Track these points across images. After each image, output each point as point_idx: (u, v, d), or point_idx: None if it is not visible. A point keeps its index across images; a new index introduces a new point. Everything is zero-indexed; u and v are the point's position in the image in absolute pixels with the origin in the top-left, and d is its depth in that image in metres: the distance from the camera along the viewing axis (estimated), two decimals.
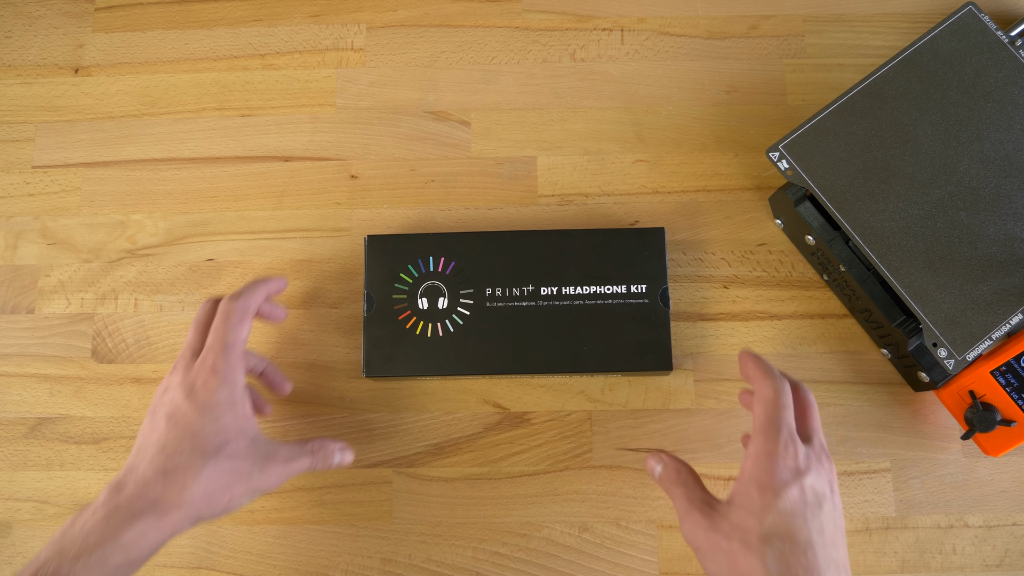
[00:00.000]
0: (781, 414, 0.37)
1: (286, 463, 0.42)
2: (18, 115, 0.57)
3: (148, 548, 0.38)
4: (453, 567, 0.49)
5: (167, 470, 0.39)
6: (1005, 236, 0.45)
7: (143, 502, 0.38)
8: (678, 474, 0.41)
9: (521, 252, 0.49)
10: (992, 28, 0.48)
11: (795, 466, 0.36)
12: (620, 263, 0.48)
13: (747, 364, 0.40)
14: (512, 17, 0.57)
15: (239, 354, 0.42)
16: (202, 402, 0.40)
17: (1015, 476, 0.49)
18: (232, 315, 0.43)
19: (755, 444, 0.37)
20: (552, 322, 0.48)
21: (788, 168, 0.47)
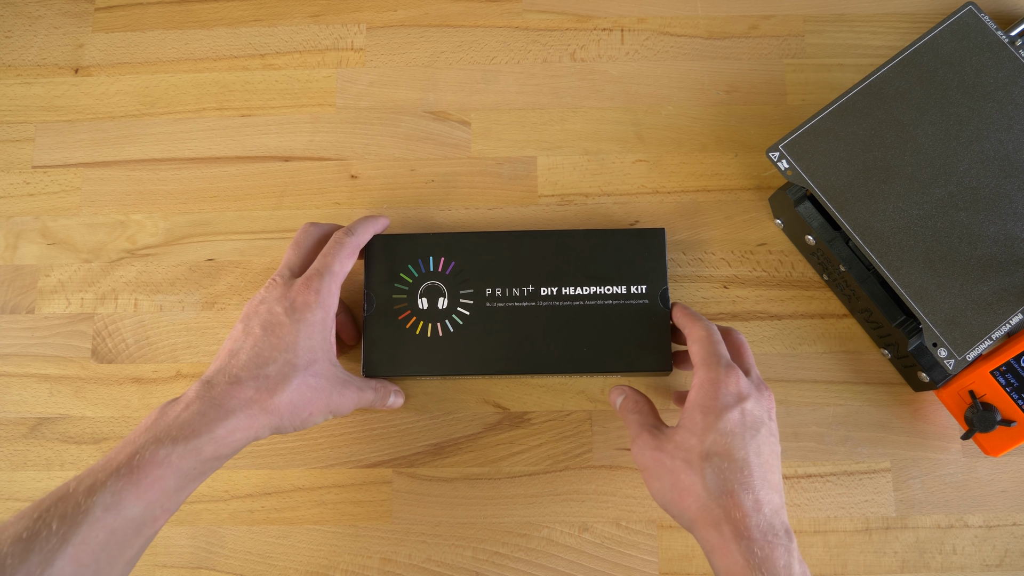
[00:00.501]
0: (717, 348, 0.42)
1: (358, 391, 0.45)
2: (18, 115, 0.57)
3: (236, 444, 0.40)
4: (453, 567, 0.49)
5: (260, 375, 0.41)
6: (1005, 236, 0.45)
7: (236, 401, 0.40)
8: (636, 403, 0.44)
9: (521, 252, 0.49)
10: (992, 28, 0.48)
11: (736, 391, 0.40)
12: (620, 263, 0.48)
13: (678, 314, 0.46)
14: (512, 17, 0.57)
15: (339, 284, 0.45)
16: (299, 318, 0.42)
17: (1015, 476, 0.49)
18: (345, 247, 0.45)
19: (698, 376, 0.41)
20: (552, 322, 0.48)
21: (788, 168, 0.47)
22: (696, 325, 0.43)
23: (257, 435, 0.41)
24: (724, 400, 0.39)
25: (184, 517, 0.50)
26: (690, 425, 0.39)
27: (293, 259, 0.46)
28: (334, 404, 0.44)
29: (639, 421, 0.43)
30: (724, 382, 0.40)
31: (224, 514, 0.50)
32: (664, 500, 0.40)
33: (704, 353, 0.41)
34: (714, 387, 0.40)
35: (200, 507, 0.50)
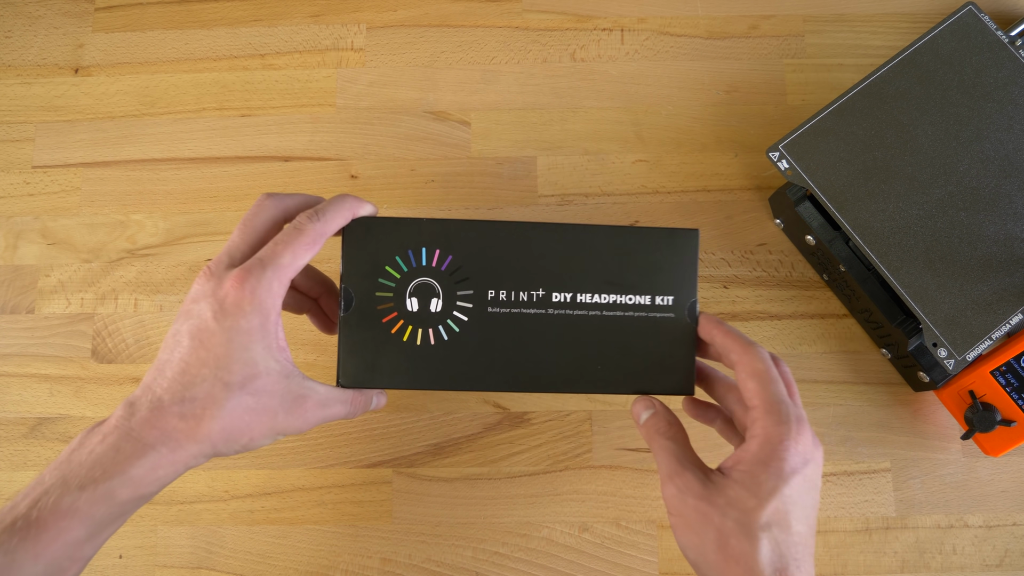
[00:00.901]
0: (780, 390, 0.36)
1: (320, 408, 0.37)
2: (18, 115, 0.57)
3: (159, 483, 0.35)
4: (453, 567, 0.49)
5: (185, 398, 0.34)
6: (1005, 236, 0.45)
7: (157, 432, 0.34)
8: (668, 427, 0.38)
9: (531, 248, 0.42)
10: (992, 28, 0.48)
11: (804, 453, 0.34)
12: (646, 268, 0.41)
13: (713, 331, 0.38)
14: (512, 17, 0.57)
15: (286, 281, 0.36)
16: (230, 325, 0.35)
17: (1015, 476, 0.49)
18: (304, 235, 0.36)
19: (762, 425, 0.35)
20: (563, 335, 0.41)
21: (788, 168, 0.47)
22: (750, 354, 0.37)
23: (188, 465, 0.35)
24: (792, 463, 0.34)
25: (184, 517, 0.50)
26: (750, 483, 0.34)
27: (237, 243, 0.37)
28: (283, 425, 0.36)
29: (674, 453, 0.37)
30: (795, 440, 0.34)
31: (224, 514, 0.50)
32: (699, 558, 0.35)
33: (768, 396, 0.35)
34: (783, 445, 0.34)
35: (200, 507, 0.50)
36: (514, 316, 0.41)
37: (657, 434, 0.38)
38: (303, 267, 0.37)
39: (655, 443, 0.38)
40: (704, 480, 0.35)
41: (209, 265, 0.37)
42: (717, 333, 0.38)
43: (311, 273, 0.44)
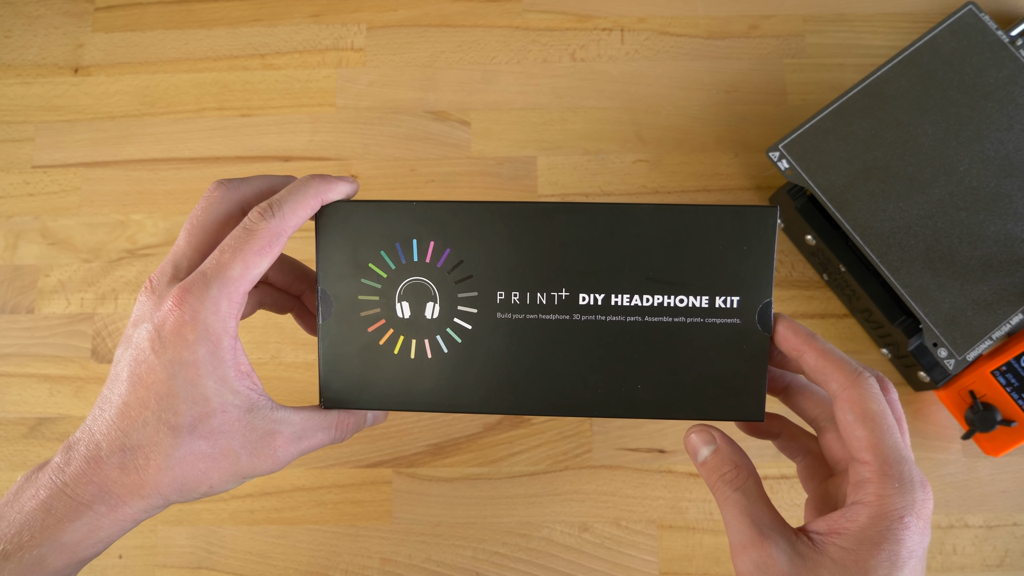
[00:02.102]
0: (899, 443, 0.28)
1: (294, 442, 0.31)
2: (18, 115, 0.57)
3: (101, 544, 0.29)
4: (453, 567, 0.49)
5: (125, 446, 0.29)
6: (1005, 236, 0.45)
7: (92, 488, 0.28)
8: (737, 473, 0.30)
9: (551, 237, 0.33)
10: (992, 28, 0.48)
11: (925, 529, 0.27)
12: (703, 260, 0.32)
13: (810, 352, 0.30)
14: (512, 17, 0.57)
15: (238, 297, 0.30)
16: (172, 358, 0.29)
17: (1015, 476, 0.49)
18: (256, 238, 0.29)
19: (879, 493, 0.27)
20: (594, 346, 0.33)
21: (788, 168, 0.47)
22: (859, 387, 0.29)
23: (135, 521, 0.30)
24: (911, 546, 0.27)
25: (184, 517, 0.50)
26: (854, 569, 0.27)
27: (183, 248, 0.31)
28: (248, 468, 0.30)
29: (747, 511, 0.29)
30: (919, 516, 0.27)
31: (224, 514, 0.50)
32: None
33: (884, 452, 0.28)
34: (903, 523, 0.27)
35: (200, 507, 0.50)
36: (530, 323, 0.33)
37: (722, 482, 0.30)
38: (263, 274, 0.30)
39: (720, 493, 0.30)
40: (791, 555, 0.27)
41: (151, 277, 0.30)
42: (810, 351, 0.30)
43: (289, 266, 0.38)
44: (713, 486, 0.31)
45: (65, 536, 0.28)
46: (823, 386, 0.30)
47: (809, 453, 0.34)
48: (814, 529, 0.28)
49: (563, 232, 0.33)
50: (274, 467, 0.31)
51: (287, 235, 0.31)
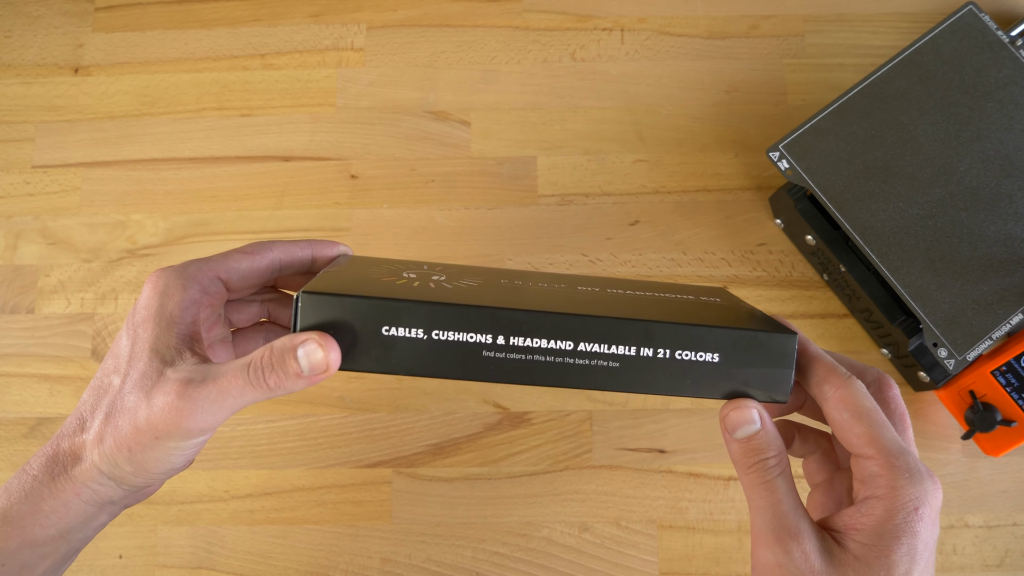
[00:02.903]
0: (896, 436, 0.28)
1: (196, 386, 0.29)
2: (18, 115, 0.57)
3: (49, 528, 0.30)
4: (453, 567, 0.49)
5: (81, 415, 0.31)
6: (1005, 236, 0.45)
7: (41, 459, 0.31)
8: (779, 456, 0.29)
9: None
10: (992, 28, 0.48)
11: (936, 518, 0.27)
12: None
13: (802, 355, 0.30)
14: (512, 17, 0.57)
15: (210, 272, 0.33)
16: (130, 325, 0.32)
17: (1015, 476, 0.49)
18: (244, 245, 0.32)
19: (891, 485, 0.27)
20: (600, 298, 0.33)
21: (788, 168, 0.47)
22: (848, 385, 0.29)
23: (84, 500, 0.30)
24: (925, 537, 0.27)
25: (184, 517, 0.50)
26: (875, 562, 0.27)
27: None
28: (151, 422, 0.29)
29: (784, 499, 0.28)
30: (931, 506, 0.27)
31: (224, 514, 0.50)
32: None
33: (887, 444, 0.28)
34: (918, 515, 0.27)
35: (200, 507, 0.50)
36: (534, 288, 0.34)
37: (763, 467, 0.28)
38: (244, 275, 0.34)
39: (756, 477, 0.28)
40: (823, 552, 0.27)
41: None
42: (803, 357, 0.30)
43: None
44: (748, 468, 0.29)
45: (12, 512, 0.29)
46: (815, 391, 0.30)
47: (818, 448, 0.34)
48: (830, 526, 0.28)
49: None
50: (173, 416, 0.28)
51: (272, 252, 0.34)
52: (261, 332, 0.39)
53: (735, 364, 0.30)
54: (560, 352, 0.30)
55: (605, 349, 0.30)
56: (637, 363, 0.30)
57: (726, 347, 0.29)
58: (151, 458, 0.29)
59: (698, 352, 0.30)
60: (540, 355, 0.30)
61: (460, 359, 0.30)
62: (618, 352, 0.30)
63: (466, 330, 0.29)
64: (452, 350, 0.30)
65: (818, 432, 0.34)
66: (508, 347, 0.30)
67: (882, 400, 0.30)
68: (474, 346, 0.30)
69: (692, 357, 0.30)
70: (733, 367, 0.30)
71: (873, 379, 0.31)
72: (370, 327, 0.29)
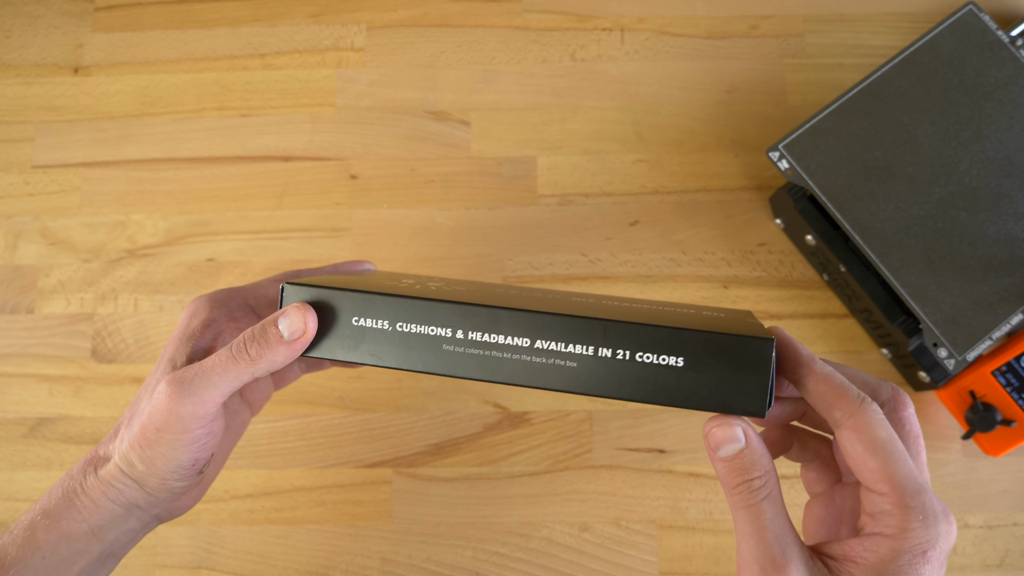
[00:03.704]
0: (913, 471, 0.26)
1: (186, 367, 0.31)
2: (18, 115, 0.57)
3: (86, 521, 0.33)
4: (453, 567, 0.49)
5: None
6: (1005, 236, 0.45)
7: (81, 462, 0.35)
8: (765, 477, 0.27)
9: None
10: (993, 28, 0.48)
11: (944, 563, 0.26)
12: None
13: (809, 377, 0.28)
14: (512, 17, 0.57)
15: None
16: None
17: (1016, 476, 0.49)
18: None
19: (901, 526, 0.26)
20: (580, 302, 0.33)
21: (788, 168, 0.47)
22: (863, 412, 0.27)
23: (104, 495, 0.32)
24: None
25: (184, 517, 0.50)
26: None
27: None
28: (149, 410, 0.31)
29: (770, 524, 0.26)
30: (940, 551, 0.26)
31: (224, 514, 0.50)
32: None
33: (901, 482, 0.26)
34: (925, 558, 0.26)
35: (200, 507, 0.50)
36: (521, 293, 0.35)
37: (748, 489, 0.27)
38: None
39: (740, 499, 0.27)
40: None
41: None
42: (809, 376, 0.28)
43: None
44: (733, 489, 0.27)
45: (51, 507, 0.32)
46: (824, 413, 0.28)
47: (818, 457, 0.32)
48: (828, 552, 0.27)
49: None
50: (166, 404, 0.30)
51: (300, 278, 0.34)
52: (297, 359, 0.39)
53: (702, 370, 0.28)
54: (517, 349, 0.30)
55: (562, 348, 0.29)
56: (596, 364, 0.29)
57: (691, 350, 0.28)
58: (157, 454, 0.31)
59: (660, 355, 0.28)
60: (498, 351, 0.30)
61: (422, 352, 0.30)
62: (575, 351, 0.29)
63: (427, 323, 0.30)
64: (414, 342, 0.30)
65: (819, 438, 0.33)
66: (467, 341, 0.30)
67: (896, 421, 0.29)
68: (435, 339, 0.30)
69: (654, 360, 0.28)
70: (700, 373, 0.28)
71: (888, 397, 0.29)
72: (343, 317, 0.31)
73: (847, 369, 0.30)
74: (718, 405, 0.28)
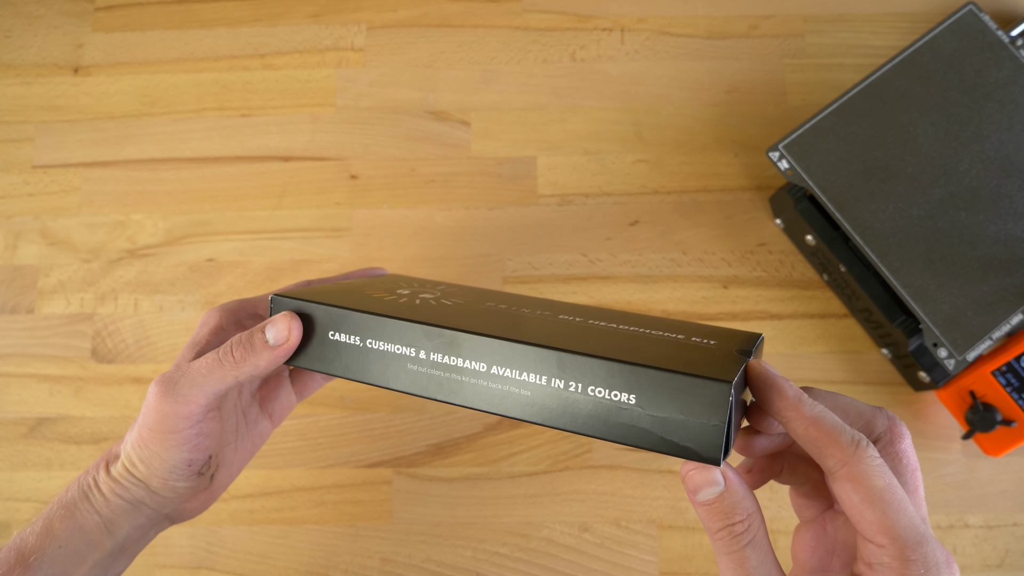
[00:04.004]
0: (916, 520, 0.25)
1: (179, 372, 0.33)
2: (18, 115, 0.57)
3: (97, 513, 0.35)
4: (453, 567, 0.49)
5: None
6: (1005, 236, 0.45)
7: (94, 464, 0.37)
8: (747, 521, 0.26)
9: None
10: (992, 28, 0.48)
11: None
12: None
13: (795, 418, 0.27)
14: (512, 17, 0.57)
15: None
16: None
17: (1016, 476, 0.49)
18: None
19: (890, 556, 0.25)
20: (557, 327, 0.32)
21: (788, 168, 0.47)
22: (859, 460, 0.25)
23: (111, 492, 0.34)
24: None
25: None
26: None
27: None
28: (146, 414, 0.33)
29: (755, 571, 0.25)
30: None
31: (224, 514, 0.50)
32: None
33: (901, 534, 0.25)
34: None
35: None
36: (507, 313, 0.34)
37: (729, 535, 0.26)
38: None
39: (723, 546, 0.26)
40: None
41: None
42: (797, 419, 0.26)
43: None
44: (715, 534, 0.26)
45: (69, 498, 0.34)
46: (816, 459, 0.27)
47: (809, 481, 0.31)
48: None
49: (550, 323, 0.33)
50: (157, 404, 0.32)
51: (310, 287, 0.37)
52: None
53: (655, 410, 0.26)
54: (476, 373, 0.30)
55: (516, 375, 0.29)
56: (549, 395, 0.28)
57: (641, 388, 0.26)
58: (153, 454, 0.33)
59: (612, 391, 0.27)
60: (457, 374, 0.30)
61: (389, 369, 0.31)
62: (528, 380, 0.28)
63: (394, 341, 0.31)
64: (382, 359, 0.31)
65: (809, 462, 0.31)
66: (429, 362, 0.30)
67: (893, 455, 0.27)
68: (401, 358, 0.31)
69: (606, 395, 0.27)
70: (653, 413, 0.26)
71: (884, 429, 0.28)
72: (320, 331, 0.32)
73: (839, 398, 0.29)
74: (672, 448, 0.26)
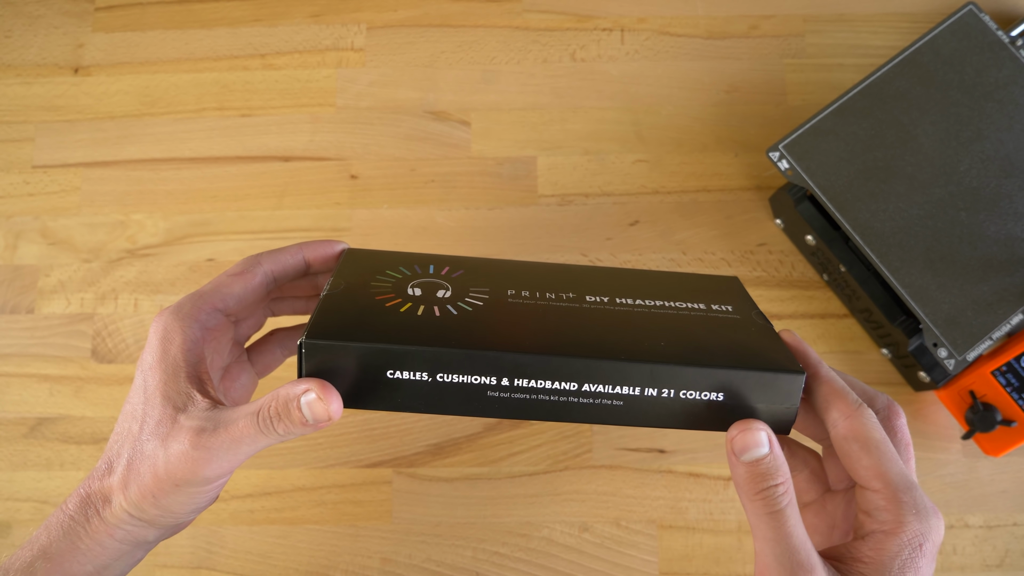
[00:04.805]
0: (904, 469, 0.28)
1: (208, 434, 0.29)
2: (18, 115, 0.57)
3: (87, 564, 0.31)
4: (453, 567, 0.49)
5: (109, 458, 0.33)
6: (1005, 236, 0.45)
7: (76, 499, 0.32)
8: (787, 484, 0.28)
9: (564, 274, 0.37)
10: (992, 28, 0.48)
11: (935, 557, 0.28)
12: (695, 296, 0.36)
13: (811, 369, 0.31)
14: (512, 17, 0.57)
15: (207, 305, 0.34)
16: (140, 369, 0.33)
17: (1016, 476, 0.49)
18: (232, 266, 0.35)
19: (899, 520, 0.27)
20: (608, 320, 0.33)
21: (788, 168, 0.47)
22: (859, 415, 0.29)
23: (117, 540, 0.31)
24: (926, 573, 0.27)
25: None
26: None
27: None
28: (169, 470, 0.30)
29: (792, 532, 0.27)
30: (933, 543, 0.27)
31: (224, 514, 0.50)
32: None
33: (894, 478, 0.28)
34: (923, 551, 0.27)
35: None
36: (541, 306, 0.33)
37: (771, 495, 0.27)
38: (238, 296, 0.34)
39: (762, 506, 0.27)
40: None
41: None
42: (815, 378, 0.31)
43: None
44: (755, 495, 0.27)
45: (52, 548, 0.30)
46: (822, 414, 0.30)
47: (807, 467, 0.34)
48: (834, 556, 0.28)
49: (571, 275, 0.36)
50: (190, 465, 0.29)
51: (262, 266, 0.35)
52: (275, 343, 0.40)
53: (739, 402, 0.30)
54: (565, 392, 0.30)
55: (610, 390, 0.30)
56: (641, 402, 0.31)
57: (731, 387, 0.30)
58: (175, 502, 0.31)
59: (702, 392, 0.30)
60: (544, 395, 0.30)
61: (465, 398, 0.30)
62: (622, 392, 0.30)
63: (471, 373, 0.30)
64: (457, 391, 0.30)
65: (807, 449, 0.34)
66: (512, 388, 0.30)
67: (889, 429, 0.30)
68: (479, 387, 0.30)
69: (696, 396, 0.30)
70: (737, 404, 0.30)
71: (883, 406, 0.31)
72: (373, 372, 0.30)
73: (846, 377, 0.32)
74: None
